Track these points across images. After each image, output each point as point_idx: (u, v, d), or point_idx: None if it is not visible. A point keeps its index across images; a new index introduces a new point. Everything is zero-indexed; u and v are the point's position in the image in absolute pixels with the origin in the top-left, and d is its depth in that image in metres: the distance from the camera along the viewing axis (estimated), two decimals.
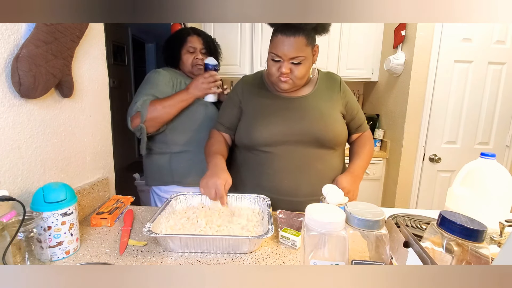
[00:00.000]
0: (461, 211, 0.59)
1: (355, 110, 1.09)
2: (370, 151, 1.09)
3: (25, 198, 0.70)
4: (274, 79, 0.97)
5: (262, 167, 1.01)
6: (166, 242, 0.71)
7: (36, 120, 0.74)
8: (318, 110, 1.00)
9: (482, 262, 0.46)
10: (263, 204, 0.90)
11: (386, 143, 2.31)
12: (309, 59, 0.95)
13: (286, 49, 0.90)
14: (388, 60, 2.14)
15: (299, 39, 0.89)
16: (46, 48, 0.70)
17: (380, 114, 2.47)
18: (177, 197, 0.92)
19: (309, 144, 0.98)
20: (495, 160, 0.84)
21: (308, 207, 0.55)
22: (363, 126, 1.13)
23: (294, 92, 1.03)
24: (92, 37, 0.94)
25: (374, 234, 0.52)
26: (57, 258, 0.68)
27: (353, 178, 0.99)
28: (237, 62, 2.41)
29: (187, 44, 1.28)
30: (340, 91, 1.06)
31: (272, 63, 0.95)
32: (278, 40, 0.91)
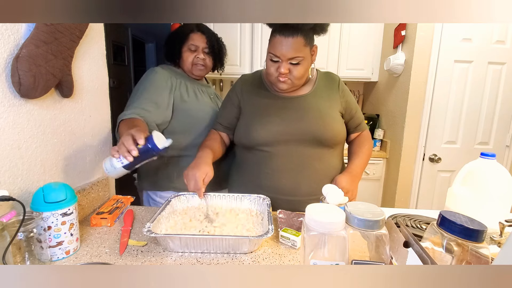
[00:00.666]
0: (461, 211, 0.59)
1: (354, 109, 1.09)
2: (368, 150, 1.10)
3: (25, 198, 0.70)
4: (272, 79, 0.97)
5: (261, 166, 1.01)
6: (166, 242, 0.71)
7: (36, 120, 0.74)
8: (317, 109, 1.00)
9: (482, 262, 0.46)
10: (263, 204, 0.90)
11: (386, 143, 2.31)
12: (308, 59, 0.95)
13: (284, 50, 0.90)
14: (388, 60, 2.14)
15: (298, 40, 0.89)
16: (46, 48, 0.70)
17: (380, 114, 2.47)
18: (177, 197, 0.92)
19: (308, 144, 0.98)
20: (495, 160, 0.84)
21: (308, 207, 0.56)
22: (361, 125, 1.13)
23: (293, 91, 1.03)
24: (92, 37, 0.94)
25: (374, 234, 0.52)
26: (57, 258, 0.68)
27: (352, 178, 0.99)
28: (237, 62, 2.41)
29: (188, 42, 1.19)
30: (339, 90, 1.07)
31: (270, 63, 0.95)
32: (276, 41, 0.91)
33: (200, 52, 1.20)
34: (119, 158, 0.76)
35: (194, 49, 1.19)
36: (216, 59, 1.28)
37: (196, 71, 1.22)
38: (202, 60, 1.21)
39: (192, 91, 1.19)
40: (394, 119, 2.23)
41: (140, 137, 0.75)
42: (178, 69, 1.25)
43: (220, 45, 1.28)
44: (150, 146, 0.76)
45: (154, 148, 0.76)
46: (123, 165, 0.77)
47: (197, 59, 1.20)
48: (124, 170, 0.79)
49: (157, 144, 0.76)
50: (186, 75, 1.24)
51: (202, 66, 1.22)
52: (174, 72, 1.20)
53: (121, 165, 0.77)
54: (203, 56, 1.21)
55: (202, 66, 1.22)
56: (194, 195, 0.93)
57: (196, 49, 1.20)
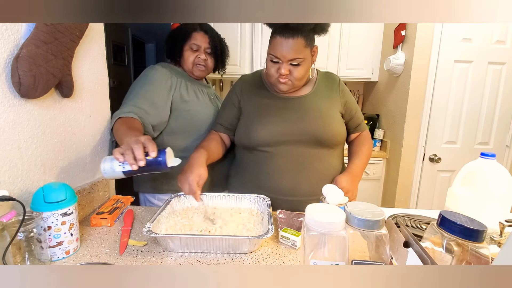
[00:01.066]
0: (461, 211, 0.59)
1: (354, 109, 1.09)
2: (368, 150, 1.10)
3: (25, 198, 0.70)
4: (273, 80, 0.97)
5: (261, 166, 1.01)
6: (166, 242, 0.71)
7: (36, 120, 0.74)
8: (317, 110, 1.00)
9: (482, 262, 0.46)
10: (263, 204, 0.90)
11: (386, 143, 2.31)
12: (308, 60, 0.95)
13: (285, 51, 0.90)
14: (388, 60, 2.14)
15: (298, 41, 0.89)
16: (46, 48, 0.70)
17: (380, 114, 2.47)
18: (177, 197, 0.92)
19: (308, 144, 0.98)
20: (495, 160, 0.84)
21: (308, 207, 0.56)
22: (361, 125, 1.13)
23: (293, 92, 1.03)
24: (92, 37, 0.94)
25: (374, 234, 0.52)
26: (57, 258, 0.68)
27: (352, 178, 0.99)
28: (237, 62, 2.41)
29: (190, 41, 1.15)
30: (339, 90, 1.07)
31: (271, 64, 0.95)
32: (276, 42, 0.91)
33: (202, 52, 1.17)
34: (123, 163, 0.72)
35: (196, 49, 1.16)
36: (218, 60, 1.25)
37: (196, 71, 1.19)
38: (203, 61, 1.17)
39: (192, 91, 1.17)
40: (394, 119, 2.23)
41: (153, 149, 0.71)
42: (178, 67, 1.21)
43: (223, 46, 1.25)
44: (160, 160, 0.72)
45: (163, 164, 0.73)
46: (123, 171, 0.73)
47: (198, 59, 1.17)
48: (122, 175, 0.75)
49: (167, 162, 0.73)
50: (186, 75, 1.20)
51: (203, 67, 1.18)
52: (175, 71, 1.17)
53: (122, 169, 0.73)
54: (205, 56, 1.18)
55: (203, 67, 1.18)
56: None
57: (198, 49, 1.16)
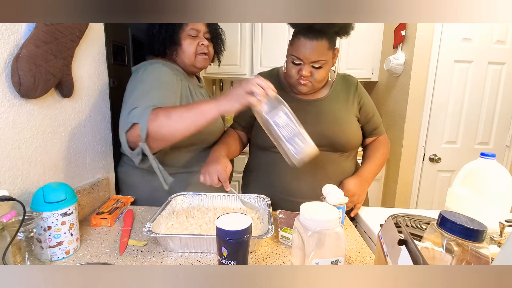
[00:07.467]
0: (461, 211, 0.59)
1: (371, 113, 1.08)
2: (383, 155, 1.08)
3: (25, 198, 0.70)
4: (293, 81, 0.96)
5: (274, 167, 1.01)
6: (166, 242, 0.71)
7: (36, 120, 0.74)
8: (332, 113, 1.00)
9: (482, 262, 0.46)
10: (263, 204, 0.90)
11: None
12: (330, 63, 0.94)
13: (308, 53, 0.89)
14: (388, 60, 2.14)
15: (322, 43, 0.88)
16: (46, 48, 0.70)
17: (380, 114, 2.47)
18: (177, 197, 0.92)
19: (322, 147, 0.97)
20: (495, 160, 0.84)
21: (303, 207, 0.56)
22: (378, 129, 1.12)
23: (310, 94, 1.03)
24: (92, 37, 0.94)
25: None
26: (57, 258, 0.68)
27: (361, 182, 0.99)
28: (237, 62, 2.41)
29: (187, 26, 0.98)
30: (357, 93, 1.06)
31: (292, 66, 0.94)
32: (300, 43, 0.89)
33: (202, 37, 1.01)
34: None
35: (195, 35, 0.99)
36: (218, 47, 1.11)
37: (200, 62, 1.01)
38: (206, 47, 1.01)
39: (194, 93, 1.05)
40: (394, 119, 2.23)
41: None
42: (173, 64, 1.03)
43: (219, 30, 1.11)
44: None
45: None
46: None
47: (201, 47, 1.00)
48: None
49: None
50: (184, 72, 1.04)
51: (205, 55, 1.02)
52: (174, 69, 1.01)
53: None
54: (206, 42, 1.02)
55: (205, 55, 1.02)
56: (194, 195, 0.93)
57: (197, 35, 0.99)
